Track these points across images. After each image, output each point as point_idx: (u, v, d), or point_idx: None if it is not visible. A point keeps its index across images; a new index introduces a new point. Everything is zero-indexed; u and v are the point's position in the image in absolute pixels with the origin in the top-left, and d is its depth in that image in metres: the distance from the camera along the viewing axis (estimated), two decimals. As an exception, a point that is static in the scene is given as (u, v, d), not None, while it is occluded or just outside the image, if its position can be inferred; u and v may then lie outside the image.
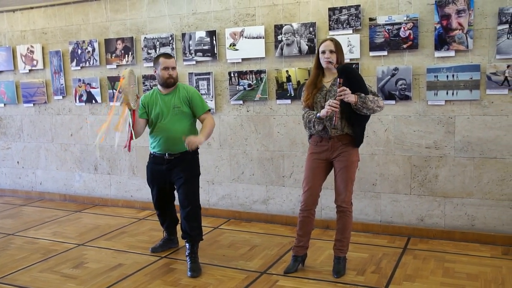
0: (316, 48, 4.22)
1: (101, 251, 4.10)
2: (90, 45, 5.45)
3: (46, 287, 3.42)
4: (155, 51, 5.06)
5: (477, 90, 3.86)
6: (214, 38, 4.77)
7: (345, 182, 3.32)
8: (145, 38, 5.11)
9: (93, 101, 5.54)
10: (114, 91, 5.35)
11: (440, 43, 3.93)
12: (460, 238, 4.04)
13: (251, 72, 4.65)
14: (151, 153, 3.76)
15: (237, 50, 4.68)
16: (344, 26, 4.22)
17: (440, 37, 3.92)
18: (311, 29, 4.34)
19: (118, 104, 3.39)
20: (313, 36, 4.34)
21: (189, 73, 4.95)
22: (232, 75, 4.73)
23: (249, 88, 4.68)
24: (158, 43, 5.06)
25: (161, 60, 3.59)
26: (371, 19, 4.13)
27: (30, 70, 5.91)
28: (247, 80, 4.68)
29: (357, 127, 3.28)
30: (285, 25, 4.45)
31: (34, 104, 5.96)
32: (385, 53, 4.13)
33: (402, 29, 4.03)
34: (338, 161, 3.32)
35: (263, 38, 4.55)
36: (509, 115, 3.83)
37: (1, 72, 6.12)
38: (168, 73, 3.58)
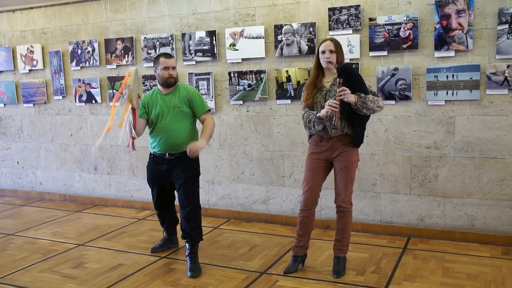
0: (316, 48, 4.22)
1: (101, 251, 4.10)
2: (90, 45, 5.45)
3: (46, 287, 3.41)
4: (155, 51, 5.06)
5: (477, 90, 3.86)
6: (214, 38, 4.77)
7: (345, 182, 3.32)
8: (145, 38, 5.11)
9: (93, 101, 5.54)
10: (114, 91, 5.35)
11: (440, 43, 3.93)
12: (460, 238, 4.04)
13: (251, 72, 4.65)
14: (151, 153, 3.76)
15: (237, 50, 4.68)
16: (344, 26, 4.22)
17: (440, 37, 3.93)
18: (311, 29, 4.34)
19: (121, 99, 3.38)
20: (313, 36, 4.34)
21: (189, 73, 4.94)
22: (232, 75, 4.73)
23: (249, 88, 4.68)
24: (158, 43, 5.06)
25: (161, 60, 3.59)
26: (371, 19, 4.13)
27: (30, 70, 5.91)
28: (247, 80, 4.67)
29: (357, 127, 3.28)
30: (285, 25, 4.45)
31: (34, 104, 5.96)
32: (385, 53, 4.13)
33: (402, 29, 4.03)
34: (338, 161, 3.32)
35: (263, 38, 4.55)
36: (509, 115, 3.83)
37: (1, 72, 6.12)
38: (168, 73, 3.58)
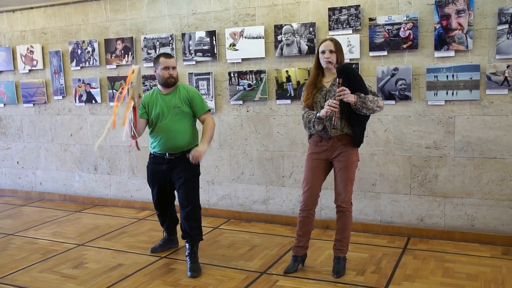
0: (316, 48, 4.22)
1: (101, 251, 4.10)
2: (90, 45, 5.45)
3: (46, 287, 3.41)
4: (155, 51, 5.06)
5: (477, 90, 3.86)
6: (214, 38, 4.77)
7: (345, 182, 3.32)
8: (145, 38, 5.11)
9: (93, 101, 5.54)
10: (114, 91, 5.36)
11: (440, 43, 3.93)
12: (460, 238, 4.04)
13: (251, 72, 4.65)
14: (151, 153, 3.76)
15: (237, 50, 4.68)
16: (344, 26, 4.22)
17: (440, 37, 3.93)
18: (311, 29, 4.34)
19: (125, 96, 3.37)
20: (313, 36, 4.34)
21: (189, 73, 4.94)
22: (232, 75, 4.73)
23: (249, 88, 4.68)
24: (158, 43, 5.06)
25: (161, 59, 3.59)
26: (371, 19, 4.13)
27: (30, 70, 5.91)
28: (247, 80, 4.67)
29: (357, 127, 3.28)
30: (285, 25, 4.45)
31: (34, 104, 5.96)
32: (385, 53, 4.13)
33: (402, 29, 4.03)
34: (338, 161, 3.32)
35: (263, 38, 4.55)
36: (508, 115, 3.83)
37: (1, 72, 6.12)
38: (168, 73, 3.58)
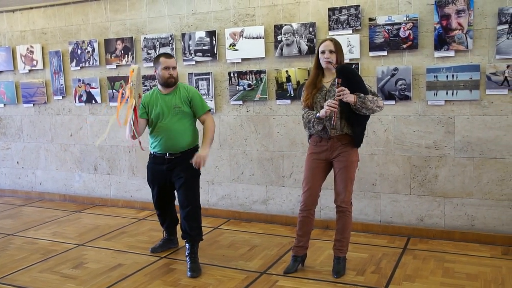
0: (316, 48, 4.22)
1: (101, 251, 4.10)
2: (90, 45, 5.45)
3: (46, 287, 3.41)
4: (155, 51, 5.06)
5: (477, 90, 3.86)
6: (214, 38, 4.77)
7: (345, 182, 3.31)
8: (145, 38, 5.11)
9: (93, 101, 5.54)
10: (114, 91, 5.36)
11: (439, 43, 3.93)
12: (459, 238, 4.04)
13: (251, 72, 4.65)
14: (152, 153, 3.76)
15: (237, 50, 4.68)
16: (344, 26, 4.22)
17: (440, 37, 3.93)
18: (310, 29, 4.34)
19: (126, 93, 3.37)
20: (312, 36, 4.34)
21: (189, 73, 4.94)
22: (232, 75, 4.73)
23: (249, 88, 4.68)
24: (158, 43, 5.06)
25: (161, 59, 3.59)
26: (370, 19, 4.13)
27: (30, 70, 5.91)
28: (247, 80, 4.67)
29: (357, 127, 3.28)
30: (285, 25, 4.45)
31: (34, 104, 5.96)
32: (385, 53, 4.13)
33: (402, 29, 4.03)
34: (338, 161, 3.32)
35: (263, 38, 4.55)
36: (508, 115, 3.83)
37: (1, 72, 6.12)
38: (169, 73, 3.58)
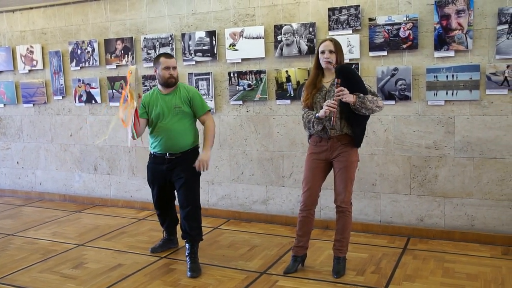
0: (316, 48, 4.22)
1: (101, 251, 4.10)
2: (89, 45, 5.45)
3: (46, 287, 3.41)
4: (155, 51, 5.06)
5: (477, 90, 3.86)
6: (214, 38, 4.77)
7: (345, 182, 3.31)
8: (144, 38, 5.11)
9: (93, 101, 5.54)
10: (114, 91, 5.36)
11: (439, 43, 3.93)
12: (459, 238, 4.04)
13: (250, 72, 4.65)
14: (152, 153, 3.76)
15: (236, 50, 4.68)
16: (344, 26, 4.22)
17: (440, 37, 3.93)
18: (310, 29, 4.34)
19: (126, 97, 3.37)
20: (312, 36, 4.34)
21: (188, 73, 4.94)
22: (231, 75, 4.73)
23: (249, 88, 4.68)
24: (157, 43, 5.06)
25: (162, 59, 3.59)
26: (370, 19, 4.13)
27: (29, 71, 5.91)
28: (247, 80, 4.67)
29: (357, 127, 3.28)
30: (285, 25, 4.45)
31: (33, 104, 5.96)
32: (385, 53, 4.13)
33: (402, 29, 4.03)
34: (338, 161, 3.32)
35: (263, 38, 4.55)
36: (508, 115, 3.83)
37: (1, 72, 6.12)
38: (169, 73, 3.58)
